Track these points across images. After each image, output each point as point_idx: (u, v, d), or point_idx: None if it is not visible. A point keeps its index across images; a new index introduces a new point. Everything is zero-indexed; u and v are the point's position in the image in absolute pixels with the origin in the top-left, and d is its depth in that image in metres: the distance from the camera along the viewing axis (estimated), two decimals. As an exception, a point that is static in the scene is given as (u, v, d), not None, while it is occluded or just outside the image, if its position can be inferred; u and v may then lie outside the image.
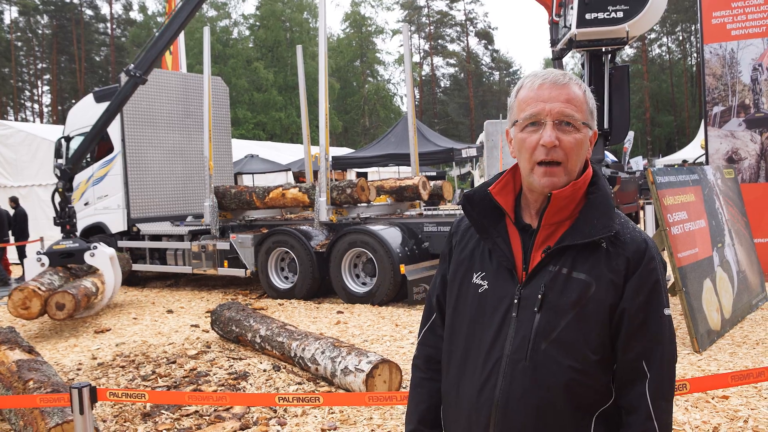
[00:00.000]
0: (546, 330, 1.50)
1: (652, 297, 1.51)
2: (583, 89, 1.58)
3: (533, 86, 1.55)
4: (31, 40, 55.71)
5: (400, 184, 10.91)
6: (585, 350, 1.49)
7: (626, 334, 1.50)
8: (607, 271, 1.50)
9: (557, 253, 1.53)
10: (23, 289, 7.93)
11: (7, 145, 16.82)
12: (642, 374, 1.50)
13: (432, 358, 1.78)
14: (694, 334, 5.91)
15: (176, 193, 12.29)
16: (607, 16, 7.39)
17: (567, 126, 1.52)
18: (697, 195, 6.92)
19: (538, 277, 1.53)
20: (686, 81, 54.26)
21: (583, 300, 1.49)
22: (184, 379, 5.74)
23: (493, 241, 1.61)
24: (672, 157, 28.03)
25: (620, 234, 1.53)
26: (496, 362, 1.54)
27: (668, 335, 1.53)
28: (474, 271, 1.64)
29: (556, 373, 1.49)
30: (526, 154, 1.54)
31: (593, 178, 1.59)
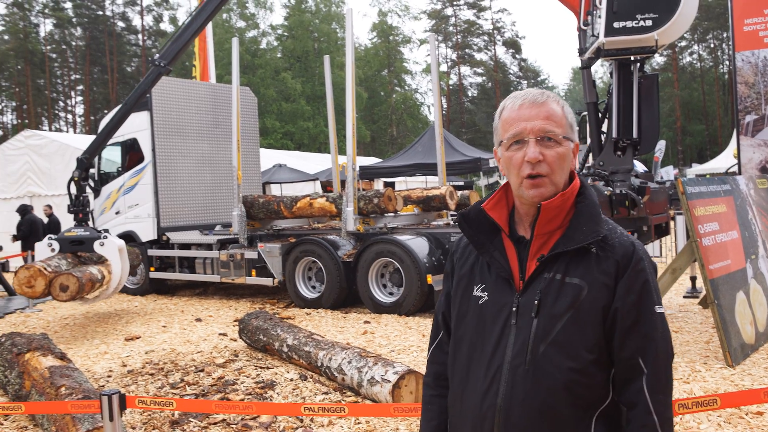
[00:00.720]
0: (543, 334, 1.58)
1: (642, 296, 1.58)
2: (561, 105, 1.67)
3: (514, 107, 1.66)
4: (65, 51, 56.87)
5: (427, 193, 10.90)
6: (582, 351, 1.56)
7: (620, 333, 1.58)
8: (599, 274, 1.58)
9: (551, 261, 1.62)
10: (29, 267, 8.18)
11: (41, 154, 17.17)
12: (639, 371, 1.57)
13: (441, 375, 1.85)
14: (726, 347, 5.80)
15: (205, 203, 12.43)
16: (635, 25, 7.31)
17: (549, 141, 1.62)
18: (729, 205, 6.81)
19: (534, 285, 1.62)
20: (718, 89, 53.46)
21: (577, 303, 1.57)
22: (211, 388, 5.78)
23: (490, 254, 1.70)
24: (704, 167, 27.59)
25: (608, 239, 1.62)
26: (498, 369, 1.61)
27: (661, 332, 1.60)
28: (474, 284, 1.73)
29: (556, 375, 1.56)
30: (515, 171, 1.64)
31: (581, 188, 1.68)
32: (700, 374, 5.59)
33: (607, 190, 7.34)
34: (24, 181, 17.45)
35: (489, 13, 63.82)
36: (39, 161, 17.21)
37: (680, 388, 5.24)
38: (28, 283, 8.06)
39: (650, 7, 7.27)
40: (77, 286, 8.08)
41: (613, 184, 7.62)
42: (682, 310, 8.48)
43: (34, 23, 54.39)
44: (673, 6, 7.26)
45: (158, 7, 57.60)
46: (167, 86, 11.75)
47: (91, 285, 8.47)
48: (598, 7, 7.58)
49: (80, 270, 8.49)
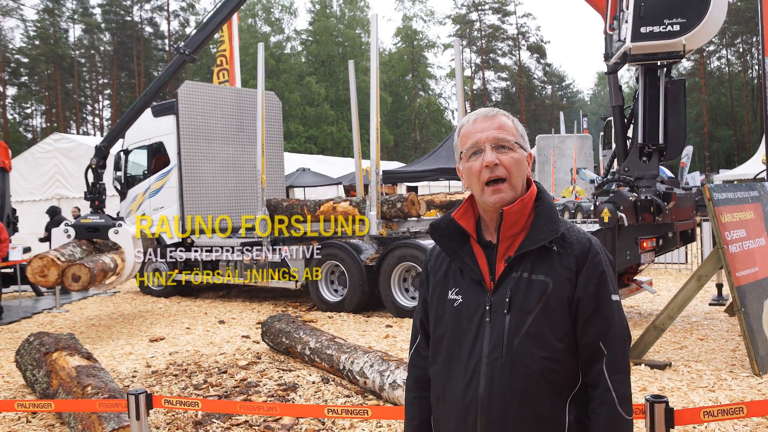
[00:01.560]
0: (516, 328, 1.72)
1: (600, 286, 1.75)
2: (511, 119, 1.85)
3: (469, 122, 1.84)
4: (94, 56, 57.82)
5: (451, 198, 10.90)
6: (552, 340, 1.72)
7: (582, 321, 1.74)
8: (561, 269, 1.74)
9: (517, 261, 1.77)
10: (43, 257, 8.33)
11: (69, 157, 17.47)
12: (600, 353, 1.74)
13: (420, 377, 1.99)
14: (753, 356, 5.71)
15: (229, 206, 12.53)
16: (663, 30, 7.23)
17: (503, 148, 1.78)
18: (756, 212, 6.72)
19: (503, 284, 1.77)
20: (746, 94, 52.74)
21: (544, 297, 1.72)
22: (234, 389, 5.82)
23: (461, 260, 1.84)
24: (731, 173, 27.22)
25: (567, 237, 1.78)
26: (477, 363, 1.75)
27: (617, 317, 1.77)
28: (449, 288, 1.86)
29: (531, 364, 1.70)
30: (475, 178, 1.80)
31: (538, 193, 1.84)
32: (726, 382, 5.52)
33: (632, 196, 7.27)
34: (52, 183, 17.76)
35: (514, 17, 63.73)
36: (67, 164, 17.51)
37: (706, 396, 5.17)
38: (41, 273, 8.22)
39: (678, 11, 7.19)
40: (89, 276, 8.21)
41: (638, 190, 7.55)
42: (708, 318, 8.38)
43: (64, 28, 55.40)
44: (701, 10, 7.17)
45: (185, 12, 58.31)
46: (193, 90, 11.89)
47: (104, 274, 8.62)
48: (624, 11, 7.52)
49: (93, 260, 8.61)
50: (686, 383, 5.54)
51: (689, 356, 6.47)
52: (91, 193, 9.83)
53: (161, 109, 12.13)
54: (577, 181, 21.13)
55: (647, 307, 9.36)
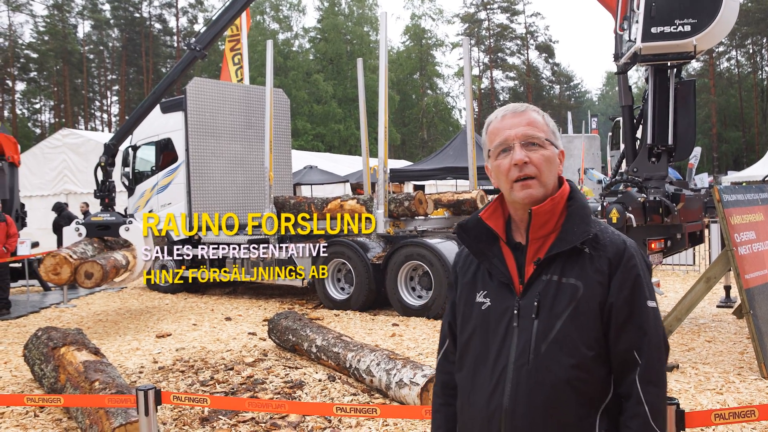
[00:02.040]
0: (544, 333, 1.64)
1: (635, 291, 1.65)
2: (541, 114, 1.77)
3: (497, 118, 1.77)
4: (102, 52, 57.99)
5: (458, 197, 10.88)
6: (582, 347, 1.63)
7: (615, 327, 1.64)
8: (593, 272, 1.65)
9: (547, 263, 1.69)
10: (56, 255, 8.40)
11: (78, 153, 17.53)
12: (634, 363, 1.64)
13: (447, 384, 1.92)
14: (762, 359, 5.69)
15: (237, 203, 12.54)
16: (674, 30, 7.20)
17: (533, 145, 1.70)
18: (766, 214, 6.68)
19: (533, 288, 1.69)
20: (756, 96, 52.49)
21: (574, 302, 1.64)
22: (241, 386, 5.83)
23: (490, 261, 1.77)
24: (740, 174, 27.10)
25: (600, 238, 1.69)
26: (503, 370, 1.68)
27: (653, 325, 1.66)
28: (477, 291, 1.79)
29: (558, 372, 1.62)
30: (503, 177, 1.73)
31: (570, 192, 1.75)
32: (734, 385, 5.49)
33: (640, 197, 7.24)
34: (61, 178, 17.83)
35: (522, 17, 63.59)
36: (76, 159, 17.57)
37: (714, 398, 5.15)
38: (54, 271, 8.28)
39: (689, 12, 7.15)
40: (101, 273, 8.28)
41: (646, 191, 7.52)
42: (716, 320, 8.34)
43: (73, 24, 55.57)
44: (713, 11, 7.13)
45: (193, 9, 58.43)
46: (202, 87, 11.91)
47: (116, 271, 8.67)
48: (635, 11, 7.48)
49: (105, 257, 8.66)
50: (694, 385, 5.52)
51: (697, 358, 6.44)
52: (101, 191, 9.88)
53: (169, 106, 12.16)
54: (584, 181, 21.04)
55: (654, 309, 9.31)
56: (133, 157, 12.92)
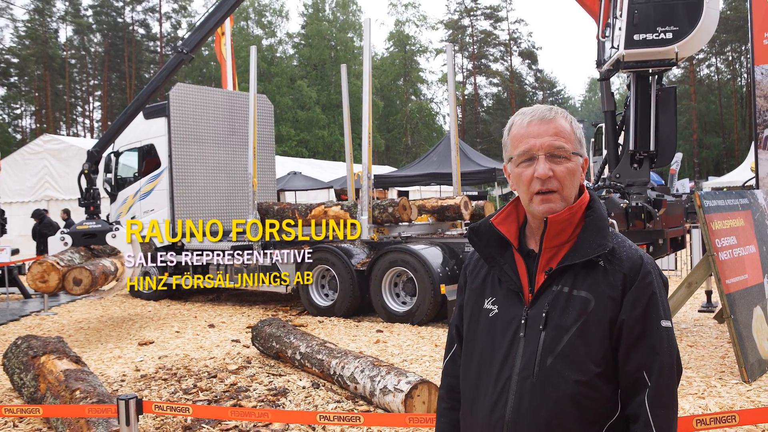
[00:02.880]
0: (551, 346, 1.59)
1: (649, 309, 1.59)
2: (569, 120, 1.69)
3: (523, 124, 1.67)
4: (85, 57, 57.53)
5: (442, 203, 10.90)
6: (588, 363, 1.57)
7: (626, 346, 1.58)
8: (606, 287, 1.59)
9: (559, 274, 1.63)
10: (42, 263, 8.24)
11: (59, 159, 17.37)
12: (643, 384, 1.58)
13: (453, 387, 1.88)
14: (743, 363, 5.74)
15: (220, 209, 12.49)
16: (656, 37, 7.29)
17: (558, 157, 1.63)
18: (746, 219, 6.75)
19: (542, 298, 1.64)
20: (736, 102, 53.12)
21: (584, 316, 1.58)
22: (224, 394, 5.79)
23: (500, 268, 1.72)
24: (720, 180, 27.40)
25: (616, 252, 1.63)
26: (506, 381, 1.63)
27: (666, 346, 1.60)
28: (485, 297, 1.75)
29: (562, 387, 1.56)
30: (524, 187, 1.66)
31: (590, 202, 1.70)
32: (716, 390, 5.54)
33: (622, 203, 7.30)
34: (42, 185, 17.65)
35: (506, 23, 63.93)
36: (57, 165, 17.41)
37: (695, 403, 5.19)
38: (41, 278, 8.15)
39: (671, 19, 7.25)
40: (90, 279, 8.16)
41: (629, 197, 7.59)
42: (697, 325, 8.41)
43: (54, 29, 55.12)
44: (694, 19, 7.23)
45: (176, 14, 58.17)
46: (185, 93, 11.85)
47: (105, 278, 8.56)
48: (618, 18, 7.56)
49: (93, 263, 8.57)
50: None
51: (679, 363, 6.47)
52: (85, 199, 9.77)
53: (152, 112, 12.08)
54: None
55: (637, 314, 9.37)
56: (115, 163, 12.83)
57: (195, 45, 10.04)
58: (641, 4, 7.43)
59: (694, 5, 7.27)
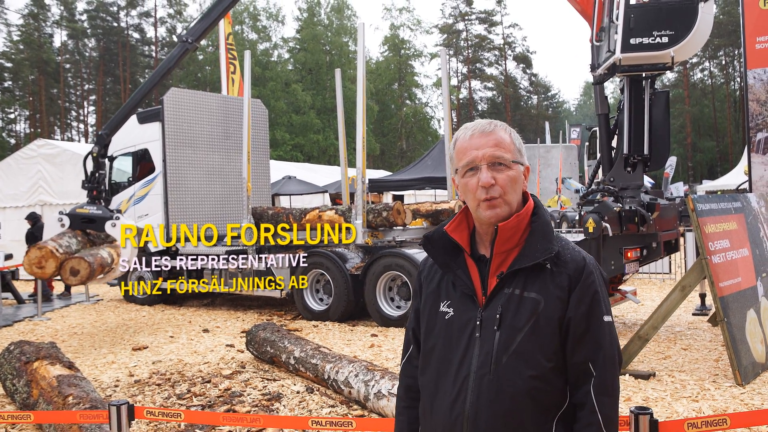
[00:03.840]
0: (506, 345, 1.70)
1: (592, 306, 1.72)
2: (509, 132, 1.81)
3: (465, 137, 1.80)
4: (79, 62, 57.43)
5: (436, 207, 10.91)
6: (541, 359, 1.69)
7: (573, 340, 1.71)
8: (553, 288, 1.71)
9: (510, 277, 1.74)
10: (41, 248, 8.03)
11: (53, 163, 17.30)
12: (589, 374, 1.71)
13: (411, 387, 1.98)
14: (736, 366, 5.75)
15: (215, 214, 12.47)
16: (651, 41, 7.31)
17: (499, 166, 1.75)
18: (739, 223, 6.78)
19: (495, 300, 1.74)
20: (729, 106, 53.33)
21: (535, 315, 1.70)
22: (218, 399, 5.78)
23: (454, 273, 1.82)
24: (714, 183, 27.49)
25: (561, 255, 1.75)
26: (465, 379, 1.73)
27: (609, 339, 1.74)
28: (441, 301, 1.84)
29: (518, 382, 1.68)
30: (471, 195, 1.77)
31: (535, 208, 1.81)
32: (710, 393, 5.54)
33: (616, 206, 7.31)
34: (36, 189, 17.57)
35: (500, 27, 64.10)
36: (51, 170, 17.34)
37: (689, 406, 5.19)
38: (38, 264, 7.96)
39: (666, 24, 7.28)
40: (88, 271, 7.96)
41: (622, 200, 7.60)
42: (691, 328, 8.43)
43: (49, 34, 55.01)
44: (689, 23, 7.27)
45: (172, 19, 58.16)
46: (179, 97, 11.84)
47: (101, 269, 8.34)
48: (614, 22, 7.58)
49: (92, 254, 8.33)
50: (670, 393, 5.56)
51: (673, 366, 6.50)
52: (89, 182, 9.35)
53: (146, 116, 12.06)
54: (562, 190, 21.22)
55: (632, 317, 9.40)
56: (109, 168, 12.78)
57: (200, 34, 9.92)
58: (637, 8, 7.46)
59: (689, 10, 7.30)
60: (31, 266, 7.97)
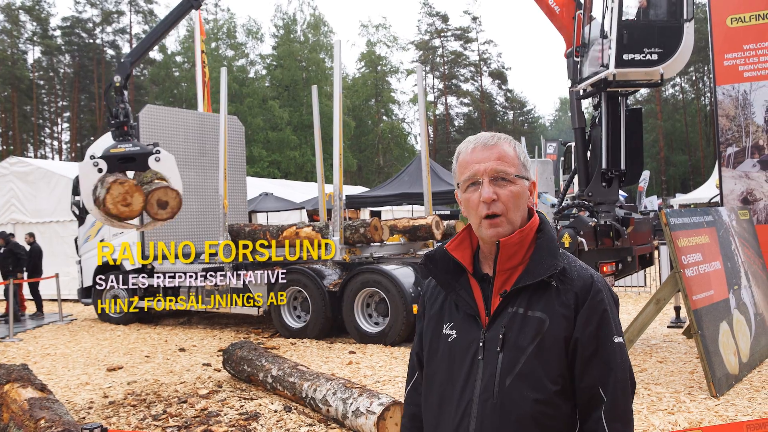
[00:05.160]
0: (509, 367, 1.62)
1: (601, 326, 1.62)
2: (513, 146, 1.73)
3: (468, 150, 1.73)
4: (53, 79, 56.88)
5: (414, 223, 10.93)
6: (546, 382, 1.60)
7: (581, 363, 1.62)
8: (559, 306, 1.62)
9: (513, 296, 1.67)
10: (123, 182, 6.83)
11: (26, 181, 17.06)
12: (599, 399, 1.61)
13: (416, 416, 1.89)
14: (710, 378, 5.82)
15: (191, 231, 12.37)
16: (642, 58, 7.48)
17: (502, 181, 1.67)
18: (711, 236, 6.88)
19: (498, 320, 1.66)
20: (700, 120, 54.23)
21: (539, 335, 1.61)
22: (194, 419, 5.70)
23: (456, 293, 1.75)
24: (687, 197, 27.88)
25: (567, 272, 1.66)
26: (468, 404, 1.65)
27: (620, 361, 1.63)
28: (444, 323, 1.77)
29: (522, 407, 1.59)
30: (473, 211, 1.70)
31: (540, 224, 1.73)
32: (685, 405, 5.60)
33: (591, 221, 7.39)
34: (8, 208, 17.31)
35: (476, 44, 64.68)
36: (24, 188, 17.10)
37: (665, 419, 5.24)
38: (123, 201, 6.73)
39: (656, 41, 7.48)
40: (178, 201, 6.90)
41: (597, 215, 7.69)
42: (667, 340, 8.51)
43: (22, 50, 54.45)
44: (676, 42, 7.49)
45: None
46: (155, 114, 11.76)
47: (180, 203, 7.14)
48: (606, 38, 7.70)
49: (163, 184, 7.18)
50: (647, 406, 5.60)
51: (649, 379, 6.55)
52: (115, 118, 7.81)
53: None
54: (538, 205, 21.42)
55: (608, 331, 9.46)
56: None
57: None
58: (629, 25, 7.62)
59: (676, 29, 7.52)
60: (117, 205, 6.66)
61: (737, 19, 9.55)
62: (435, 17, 64.30)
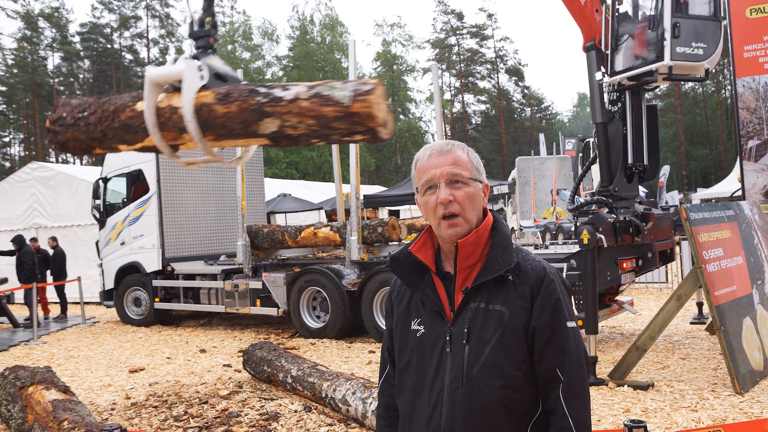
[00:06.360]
0: (475, 357, 1.76)
1: (555, 313, 1.77)
2: (467, 151, 1.88)
3: (425, 157, 1.87)
4: (73, 84, 57.56)
5: (432, 221, 10.90)
6: (510, 369, 1.75)
7: (539, 348, 1.77)
8: (516, 299, 1.77)
9: (474, 291, 1.80)
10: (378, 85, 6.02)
11: (48, 186, 17.27)
12: (557, 380, 1.76)
13: (390, 406, 2.03)
14: (734, 374, 5.74)
15: (210, 233, 12.45)
16: (691, 52, 7.44)
17: (457, 183, 1.81)
18: (733, 231, 6.79)
19: (462, 314, 1.80)
20: (721, 114, 53.63)
21: (500, 327, 1.75)
22: (215, 420, 5.74)
23: (422, 291, 1.88)
24: (709, 191, 27.56)
25: (522, 266, 1.81)
26: (439, 393, 1.79)
27: (573, 344, 1.79)
28: (412, 319, 1.90)
29: (489, 393, 1.74)
30: (431, 213, 1.83)
31: (494, 223, 1.87)
32: (709, 402, 5.53)
33: (610, 217, 7.32)
34: (30, 213, 17.54)
35: (492, 41, 64.51)
36: (46, 193, 17.31)
37: (688, 416, 5.18)
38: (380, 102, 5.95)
39: (701, 36, 7.43)
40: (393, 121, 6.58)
41: (617, 211, 7.61)
42: (689, 337, 8.42)
43: (42, 57, 55.15)
44: (717, 37, 7.46)
45: (164, 40, 58.38)
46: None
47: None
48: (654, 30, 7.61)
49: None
50: (669, 404, 5.55)
51: (671, 376, 6.48)
52: (200, 26, 6.84)
53: (140, 137, 12.05)
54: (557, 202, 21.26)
55: (629, 328, 9.39)
56: (103, 189, 12.79)
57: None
58: (680, 18, 7.54)
59: (716, 26, 7.48)
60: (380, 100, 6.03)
61: (757, 10, 9.41)
62: (450, 15, 64.23)
